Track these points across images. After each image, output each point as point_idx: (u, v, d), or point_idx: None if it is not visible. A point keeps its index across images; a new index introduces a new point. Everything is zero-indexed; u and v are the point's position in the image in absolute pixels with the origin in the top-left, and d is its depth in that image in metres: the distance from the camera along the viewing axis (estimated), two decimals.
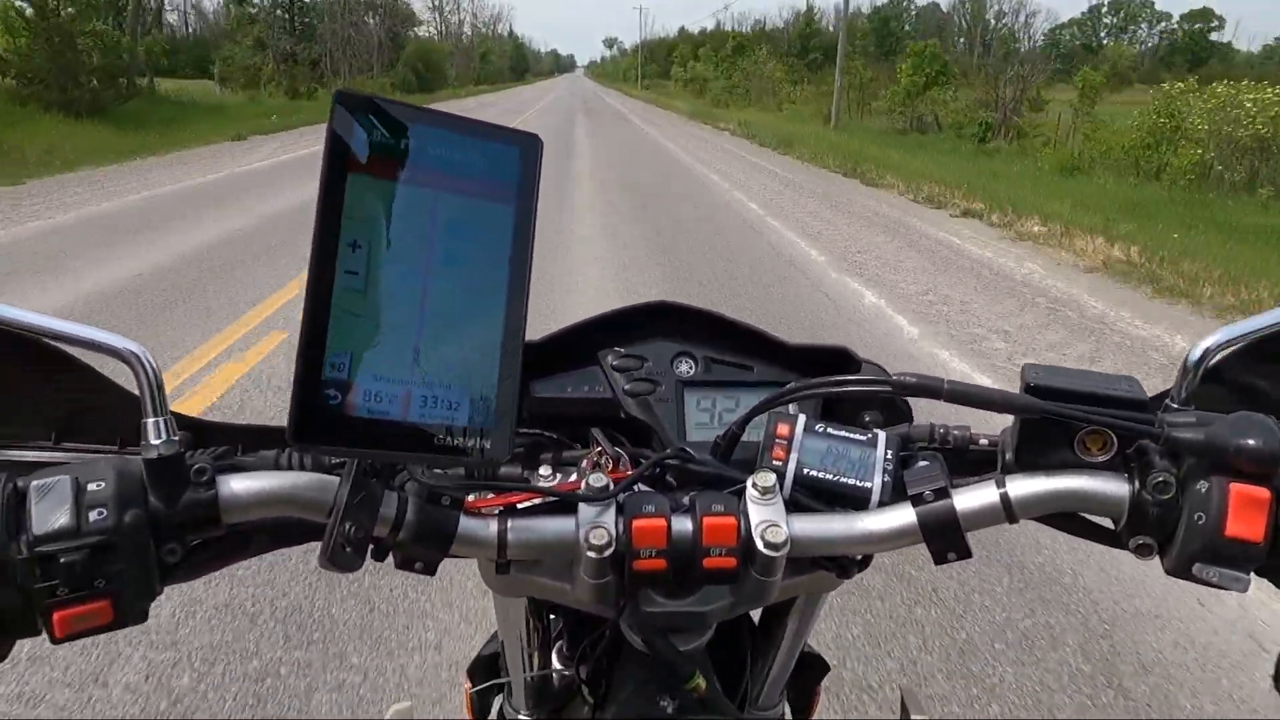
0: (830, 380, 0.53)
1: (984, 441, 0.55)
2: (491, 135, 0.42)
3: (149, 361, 0.42)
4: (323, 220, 0.38)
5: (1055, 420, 0.47)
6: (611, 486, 0.49)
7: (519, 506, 0.50)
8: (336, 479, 0.44)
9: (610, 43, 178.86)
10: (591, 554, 0.47)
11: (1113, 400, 0.47)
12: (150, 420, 0.42)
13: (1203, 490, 0.44)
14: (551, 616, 0.70)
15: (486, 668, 0.72)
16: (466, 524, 0.48)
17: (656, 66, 76.61)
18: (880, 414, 0.63)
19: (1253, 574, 0.44)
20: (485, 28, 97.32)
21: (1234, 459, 0.43)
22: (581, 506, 0.48)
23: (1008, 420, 0.52)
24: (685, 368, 0.65)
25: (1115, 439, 0.48)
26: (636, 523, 0.47)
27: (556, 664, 0.69)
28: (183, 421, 0.51)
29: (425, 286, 0.40)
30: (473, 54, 73.59)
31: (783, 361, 0.65)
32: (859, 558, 0.54)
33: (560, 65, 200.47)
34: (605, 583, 0.49)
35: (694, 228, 7.47)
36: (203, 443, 0.50)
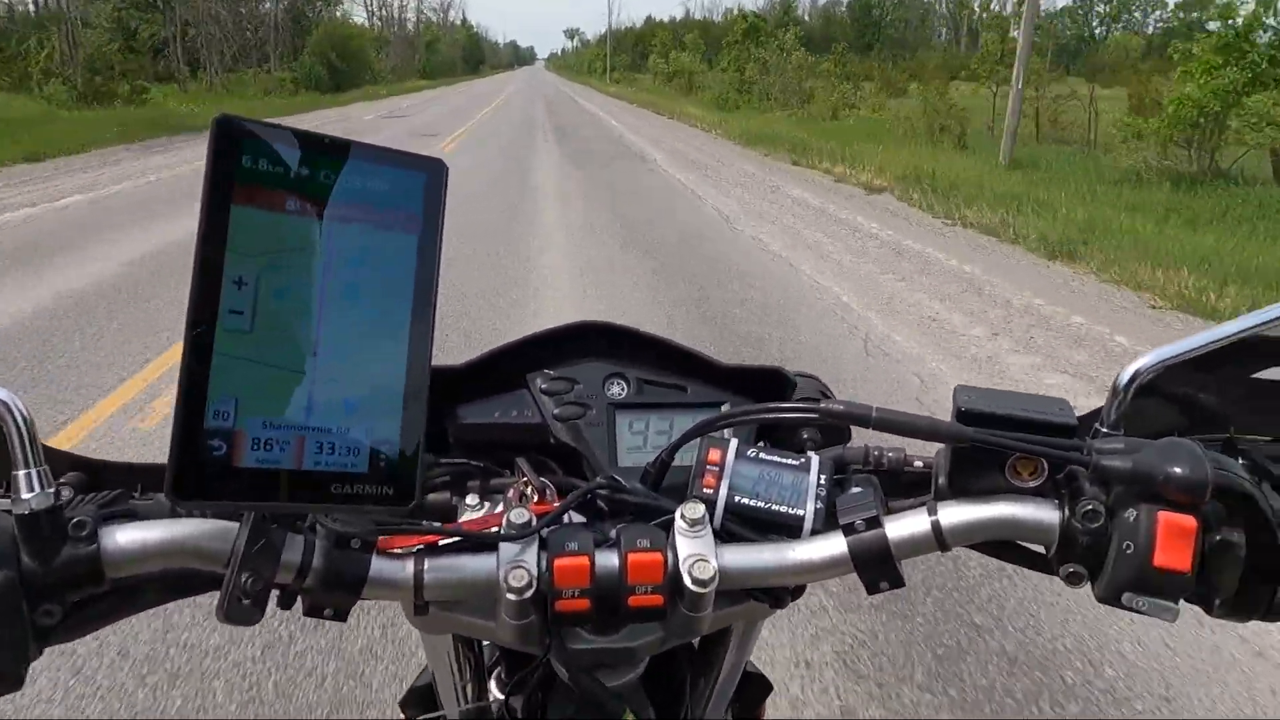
0: (759, 408, 0.52)
1: (919, 464, 0.54)
2: (392, 161, 0.40)
3: (18, 408, 0.40)
4: (203, 257, 0.36)
5: (990, 447, 0.46)
6: (534, 521, 0.48)
7: (440, 544, 0.48)
8: (236, 525, 0.42)
9: (572, 34, 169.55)
10: (511, 596, 0.45)
11: (1042, 425, 0.46)
12: (21, 472, 0.39)
13: (1131, 519, 0.43)
14: (485, 644, 0.68)
15: (421, 699, 0.70)
16: (379, 566, 0.46)
17: (625, 58, 68.58)
18: (819, 433, 0.61)
19: (1183, 601, 0.44)
20: (435, 15, 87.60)
21: (1161, 488, 0.42)
22: (502, 545, 0.47)
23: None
24: (617, 389, 0.63)
25: (1046, 465, 0.47)
26: (558, 562, 0.46)
27: (494, 691, 0.68)
28: (76, 462, 0.49)
29: (319, 325, 0.38)
30: (416, 43, 64.72)
31: (717, 382, 0.64)
32: (791, 586, 0.53)
33: (520, 57, 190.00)
34: (529, 623, 0.47)
35: None
36: (99, 485, 0.48)
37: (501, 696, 0.67)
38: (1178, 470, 0.41)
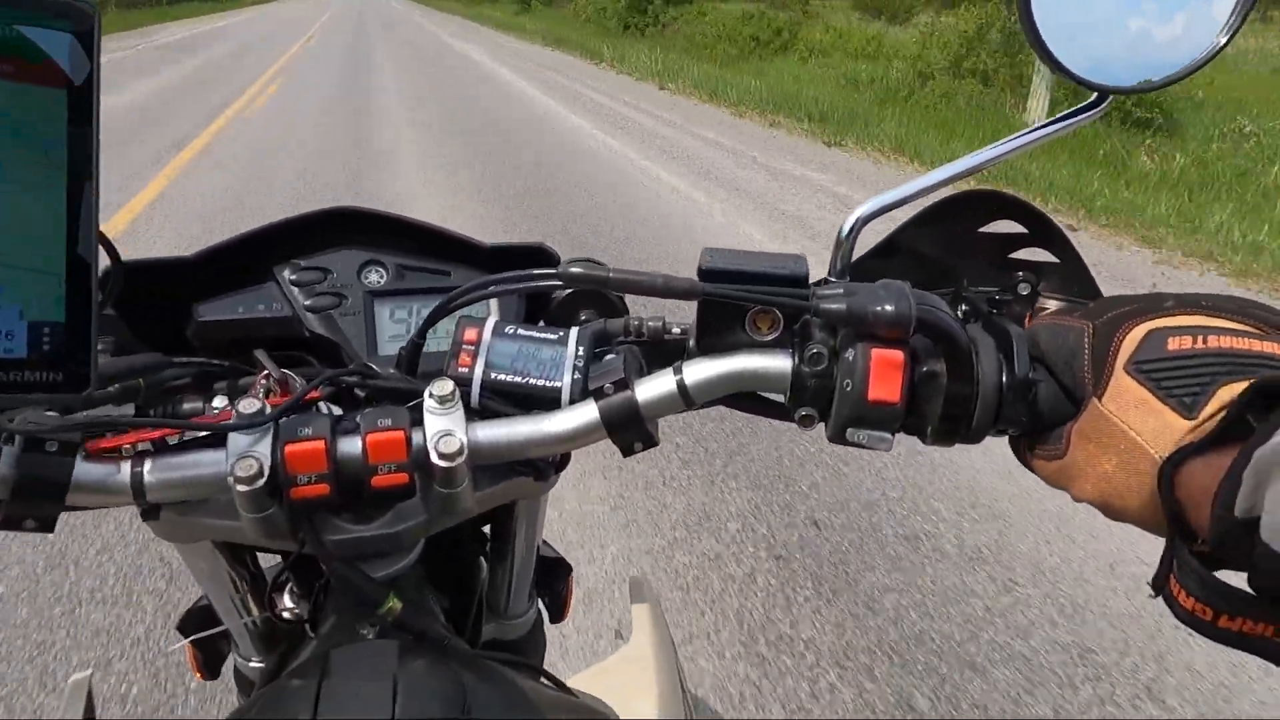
0: (499, 277, 0.51)
1: (677, 330, 0.55)
2: (28, 5, 0.35)
3: None
4: None
5: (729, 303, 0.47)
6: (267, 410, 0.45)
7: (168, 443, 0.45)
8: None
9: None
10: (241, 487, 0.43)
11: (776, 278, 0.48)
12: None
13: (850, 358, 0.45)
14: (271, 559, 0.65)
15: (201, 619, 0.67)
16: (86, 470, 0.42)
17: None
18: (595, 312, 0.61)
19: (900, 432, 0.47)
20: None
21: (872, 325, 0.44)
22: (231, 437, 0.44)
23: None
24: (375, 277, 0.60)
25: (781, 317, 0.49)
26: (289, 448, 0.44)
27: (288, 602, 0.65)
28: None
29: None
30: None
31: (481, 264, 0.62)
32: (555, 459, 0.53)
33: None
34: (269, 515, 0.45)
35: None
36: None
37: (290, 605, 0.64)
38: (887, 308, 0.44)
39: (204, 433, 0.45)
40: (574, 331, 0.51)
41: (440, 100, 9.63)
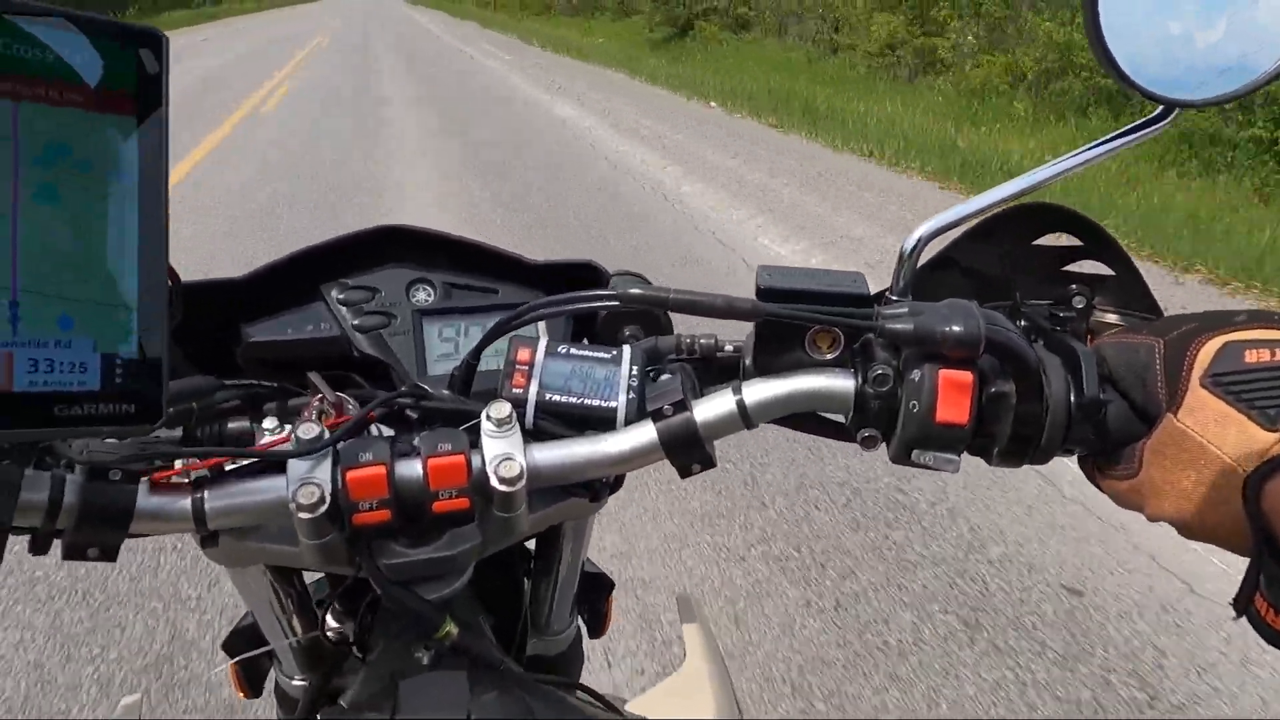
0: (558, 298, 0.50)
1: (730, 348, 0.54)
2: (94, 29, 0.34)
3: None
4: None
5: (787, 322, 0.47)
6: (326, 435, 0.44)
7: (225, 469, 0.45)
8: None
9: None
10: (303, 515, 0.42)
11: (836, 297, 0.47)
12: None
13: (916, 379, 0.44)
14: (314, 576, 0.65)
15: (247, 638, 0.66)
16: (149, 499, 0.41)
17: None
18: (641, 329, 0.61)
19: (965, 454, 0.46)
20: None
21: (940, 346, 0.43)
22: (291, 463, 0.44)
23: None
24: (423, 296, 0.60)
25: (842, 336, 0.48)
26: (351, 474, 0.43)
27: (331, 622, 0.65)
28: None
29: (15, 224, 0.32)
30: None
31: (529, 281, 0.61)
32: (609, 480, 0.52)
33: None
34: (329, 541, 0.44)
35: None
36: None
37: (334, 624, 0.64)
38: (956, 329, 0.43)
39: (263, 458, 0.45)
40: (626, 350, 0.51)
41: None
